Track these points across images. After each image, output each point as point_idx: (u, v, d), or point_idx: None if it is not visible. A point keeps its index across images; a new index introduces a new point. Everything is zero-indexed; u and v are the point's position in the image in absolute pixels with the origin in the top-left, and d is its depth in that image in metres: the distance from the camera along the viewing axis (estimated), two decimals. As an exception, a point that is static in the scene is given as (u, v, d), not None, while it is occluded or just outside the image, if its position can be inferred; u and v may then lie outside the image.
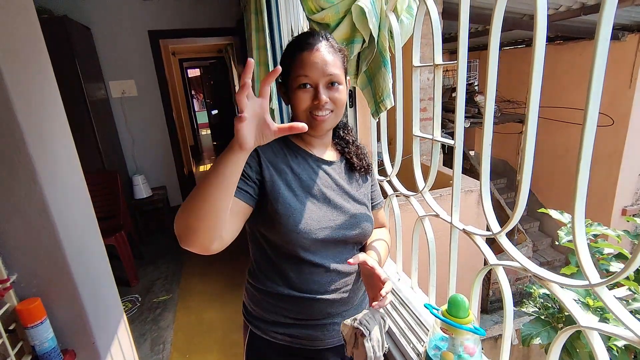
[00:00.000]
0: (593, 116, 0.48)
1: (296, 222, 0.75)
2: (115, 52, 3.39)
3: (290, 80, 0.77)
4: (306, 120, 0.76)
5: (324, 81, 0.75)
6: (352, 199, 0.85)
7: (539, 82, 0.55)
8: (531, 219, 6.13)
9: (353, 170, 0.89)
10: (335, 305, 0.82)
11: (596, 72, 0.46)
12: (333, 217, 0.80)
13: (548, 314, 1.92)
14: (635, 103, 4.48)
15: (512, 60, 5.72)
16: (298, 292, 0.80)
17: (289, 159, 0.81)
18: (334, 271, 0.81)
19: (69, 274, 1.00)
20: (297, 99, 0.76)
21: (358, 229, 0.83)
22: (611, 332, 0.50)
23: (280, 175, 0.78)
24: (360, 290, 0.89)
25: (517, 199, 0.63)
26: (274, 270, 0.82)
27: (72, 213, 1.06)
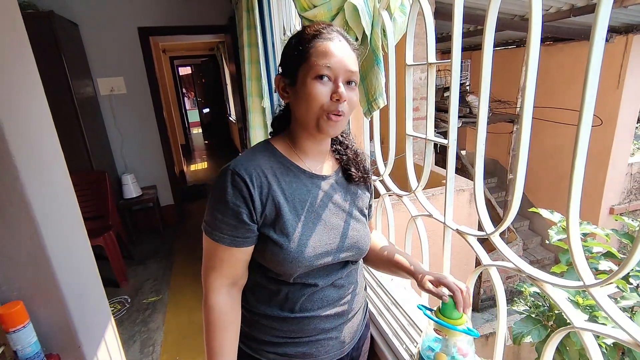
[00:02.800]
0: (587, 124, 0.47)
1: (290, 252, 0.70)
2: (103, 49, 3.33)
3: (303, 70, 0.67)
4: (316, 121, 0.68)
5: (344, 77, 0.67)
6: (349, 215, 0.79)
7: (533, 83, 0.54)
8: (521, 218, 6.20)
9: (351, 181, 0.82)
10: (331, 321, 0.78)
11: (591, 73, 0.45)
12: (329, 241, 0.74)
13: (539, 312, 1.93)
14: (622, 103, 4.56)
15: (502, 61, 5.77)
16: (288, 313, 0.76)
17: (279, 179, 0.72)
18: (329, 288, 0.77)
19: (53, 277, 0.97)
20: (312, 91, 0.66)
21: (355, 250, 0.78)
22: (606, 333, 0.49)
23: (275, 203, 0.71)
24: (360, 298, 0.85)
25: (511, 201, 0.62)
26: (265, 294, 0.78)
27: (56, 213, 1.03)
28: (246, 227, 0.69)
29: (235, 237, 0.69)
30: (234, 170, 0.68)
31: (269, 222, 0.70)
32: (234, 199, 0.67)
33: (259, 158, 0.73)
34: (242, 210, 0.68)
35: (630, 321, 0.48)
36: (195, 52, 7.50)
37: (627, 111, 4.63)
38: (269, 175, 0.71)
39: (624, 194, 5.20)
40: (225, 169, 0.70)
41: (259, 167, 0.71)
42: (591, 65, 0.45)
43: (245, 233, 0.70)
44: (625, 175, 5.09)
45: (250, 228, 0.70)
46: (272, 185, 0.70)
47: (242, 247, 0.71)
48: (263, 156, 0.74)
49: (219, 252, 0.71)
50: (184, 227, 3.91)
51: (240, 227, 0.69)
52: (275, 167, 0.73)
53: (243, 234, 0.70)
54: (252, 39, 2.10)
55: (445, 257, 0.86)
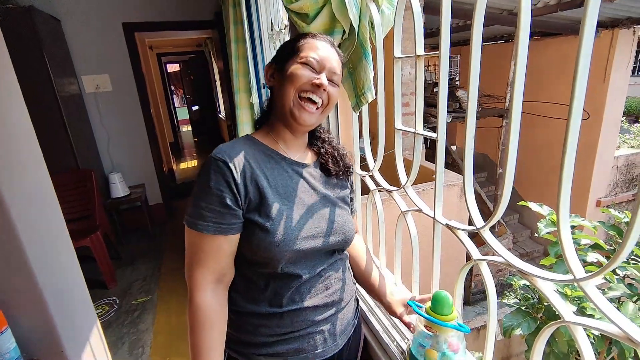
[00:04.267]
0: (577, 115, 0.46)
1: (275, 235, 0.69)
2: (87, 45, 3.25)
3: (293, 59, 0.73)
4: (290, 105, 0.73)
5: (328, 73, 0.74)
6: (331, 202, 0.80)
7: (522, 78, 0.53)
8: (511, 211, 6.27)
9: (329, 175, 0.84)
10: (320, 311, 0.78)
11: (581, 66, 0.44)
12: (314, 225, 0.75)
13: (528, 304, 1.95)
14: (609, 97, 4.62)
15: (492, 56, 5.81)
16: (277, 308, 0.74)
17: (261, 164, 0.74)
18: (316, 278, 0.77)
19: (33, 280, 0.93)
20: (295, 71, 0.72)
21: (341, 235, 0.79)
22: (597, 327, 0.49)
23: (258, 187, 0.71)
24: (348, 289, 0.84)
25: (500, 195, 0.61)
26: (250, 290, 0.76)
27: (36, 215, 0.99)
28: (231, 212, 0.68)
29: (220, 224, 0.68)
30: (215, 157, 0.69)
31: (253, 207, 0.70)
32: (217, 184, 0.67)
33: (241, 146, 0.74)
34: (226, 195, 0.67)
35: (620, 314, 0.47)
36: (183, 49, 7.39)
37: (613, 105, 4.70)
38: (251, 161, 0.72)
39: (610, 186, 5.29)
40: (207, 159, 0.70)
41: (240, 152, 0.71)
42: (581, 58, 0.44)
43: (230, 219, 0.69)
44: (611, 168, 5.18)
45: (235, 213, 0.69)
46: (254, 170, 0.71)
47: (227, 235, 0.69)
48: (244, 145, 0.75)
49: (204, 243, 0.69)
50: (173, 226, 3.86)
51: (225, 213, 0.68)
52: (256, 154, 0.74)
53: (228, 220, 0.68)
54: (239, 35, 2.06)
55: (436, 252, 0.85)
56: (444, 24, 0.67)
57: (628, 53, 4.57)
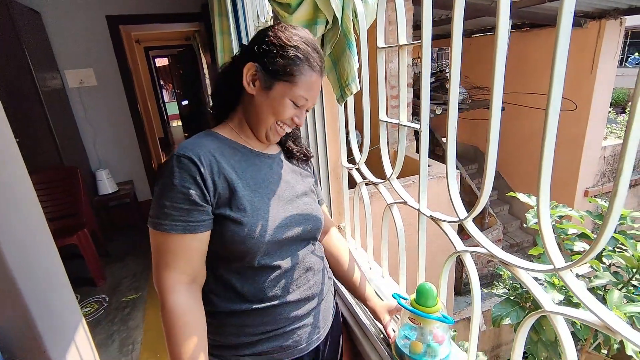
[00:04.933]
0: (556, 97, 0.45)
1: (250, 227, 0.68)
2: (69, 39, 3.16)
3: (285, 87, 0.70)
4: (266, 129, 0.74)
5: (311, 106, 0.75)
6: (299, 192, 0.81)
7: (502, 65, 0.52)
8: (501, 203, 6.34)
9: (293, 159, 0.85)
10: (301, 305, 0.77)
11: (559, 55, 0.43)
12: (286, 214, 0.75)
13: (517, 294, 1.98)
14: (596, 88, 4.67)
15: (482, 48, 5.82)
16: (258, 304, 0.73)
17: (228, 158, 0.72)
18: (293, 269, 0.76)
19: (11, 280, 0.91)
20: (283, 109, 0.71)
21: (311, 223, 0.79)
22: (576, 316, 0.49)
23: (227, 180, 0.69)
24: (324, 279, 0.84)
25: (482, 188, 0.61)
26: (225, 287, 0.73)
27: (12, 213, 0.96)
28: (199, 209, 0.66)
29: (188, 222, 0.65)
30: (179, 154, 0.66)
31: (224, 202, 0.68)
32: (182, 181, 0.65)
33: (205, 142, 0.71)
34: (193, 191, 0.65)
35: (599, 304, 0.47)
36: (171, 42, 7.25)
37: (601, 95, 4.75)
38: (217, 155, 0.70)
39: (597, 176, 5.37)
40: (169, 157, 0.68)
41: (205, 147, 0.69)
42: (558, 48, 0.43)
43: (199, 216, 0.66)
44: (599, 159, 5.26)
45: (203, 209, 0.66)
46: (221, 164, 0.69)
47: (197, 233, 0.66)
48: (208, 140, 0.72)
49: (172, 244, 0.65)
50: (164, 223, 3.82)
51: (192, 210, 0.65)
52: (222, 147, 0.72)
53: (197, 218, 0.66)
54: (224, 27, 2.02)
55: (420, 244, 0.85)
56: (425, 13, 0.66)
57: (615, 44, 4.62)
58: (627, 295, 1.76)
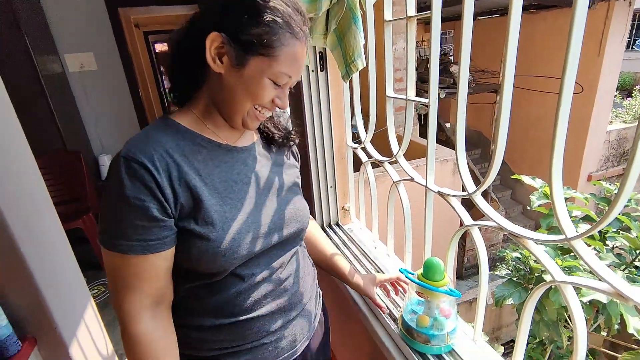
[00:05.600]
0: (572, 71, 0.44)
1: (220, 244, 0.57)
2: (68, 22, 3.11)
3: (263, 63, 0.55)
4: (243, 115, 0.60)
5: (294, 82, 0.62)
6: (281, 188, 0.69)
7: (514, 47, 0.51)
8: (504, 188, 6.34)
9: (273, 146, 0.73)
10: (275, 318, 0.67)
11: (574, 35, 0.42)
12: (264, 221, 0.64)
13: (519, 275, 1.99)
14: (603, 71, 4.60)
15: (486, 30, 5.71)
16: (227, 318, 0.63)
17: (190, 158, 0.59)
18: (270, 279, 0.66)
19: (20, 260, 0.92)
20: (262, 91, 0.57)
21: (296, 225, 0.69)
22: (587, 284, 0.49)
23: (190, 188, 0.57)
24: (308, 285, 0.75)
25: (493, 157, 0.60)
26: (189, 302, 0.64)
27: (20, 195, 0.96)
28: (160, 225, 0.54)
29: (147, 240, 0.54)
30: (127, 157, 0.53)
31: (187, 213, 0.57)
32: (135, 192, 0.52)
33: (160, 137, 0.58)
34: (150, 205, 0.53)
35: (610, 271, 0.47)
36: (171, 27, 7.12)
37: (607, 79, 4.68)
38: (176, 155, 0.57)
39: (601, 161, 5.34)
40: (115, 158, 0.55)
41: (160, 147, 0.56)
42: (574, 29, 0.42)
43: (159, 232, 0.55)
44: (603, 143, 5.21)
45: (164, 224, 0.55)
46: (182, 167, 0.57)
47: (160, 252, 0.56)
48: (165, 134, 0.59)
49: (131, 266, 0.55)
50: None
51: (152, 227, 0.54)
52: (182, 144, 0.59)
53: (157, 235, 0.55)
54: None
55: (427, 220, 0.85)
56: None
57: (623, 26, 4.52)
58: (629, 276, 1.77)
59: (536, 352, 2.81)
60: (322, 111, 1.18)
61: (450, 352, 0.76)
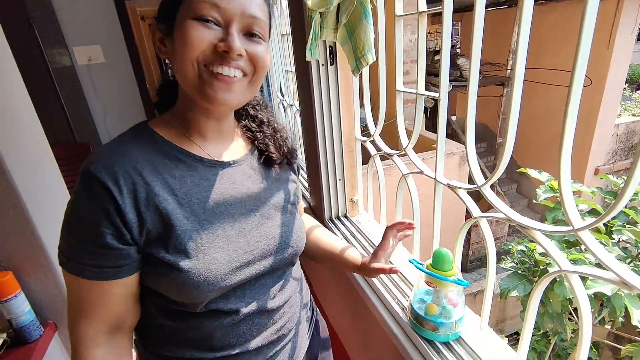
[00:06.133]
0: (580, 76, 0.46)
1: (194, 275, 0.50)
2: (77, 16, 3.14)
3: (183, 12, 0.48)
4: (197, 82, 0.49)
5: (242, 24, 0.50)
6: (274, 208, 0.62)
7: (526, 39, 0.52)
8: (509, 182, 6.32)
9: (270, 164, 0.65)
10: (263, 352, 0.62)
11: (586, 26, 0.43)
12: (249, 248, 0.56)
13: (524, 268, 2.01)
14: (612, 64, 4.54)
15: (493, 22, 5.65)
16: (207, 353, 0.57)
17: (164, 175, 0.52)
18: (256, 313, 0.59)
19: (40, 246, 0.95)
20: (189, 34, 0.47)
21: (288, 251, 0.62)
22: (593, 274, 0.51)
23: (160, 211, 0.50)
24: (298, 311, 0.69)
25: (502, 150, 0.62)
26: (165, 332, 0.58)
27: (38, 182, 1.00)
28: (115, 253, 0.49)
29: (101, 267, 0.49)
30: (88, 173, 0.47)
31: (156, 239, 0.50)
32: (90, 214, 0.47)
33: (129, 149, 0.51)
34: (104, 230, 0.47)
35: (616, 261, 0.49)
36: (176, 19, 7.14)
37: (616, 72, 4.63)
38: (146, 173, 0.50)
39: (609, 154, 5.30)
40: (81, 171, 0.49)
41: (128, 162, 0.49)
42: (585, 20, 0.43)
43: (116, 261, 0.49)
44: (611, 136, 5.17)
45: (122, 253, 0.49)
46: (152, 187, 0.50)
47: (116, 280, 0.50)
48: (136, 146, 0.52)
49: (84, 290, 0.50)
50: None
51: (106, 254, 0.49)
52: (156, 159, 0.52)
53: (113, 262, 0.49)
54: None
55: (436, 212, 0.87)
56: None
57: (634, 17, 4.45)
58: (635, 269, 1.78)
59: (540, 343, 2.84)
60: (331, 105, 1.19)
61: (457, 339, 0.79)
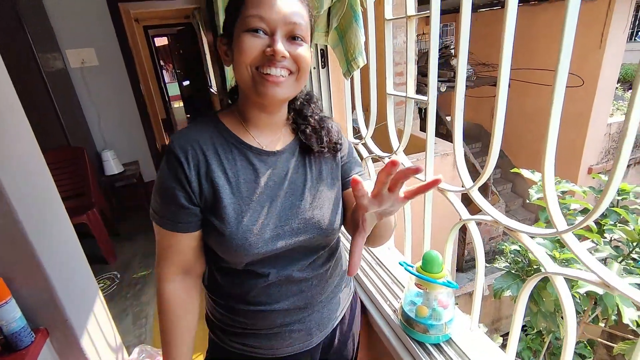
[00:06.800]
0: (565, 63, 0.46)
1: (232, 240, 0.62)
2: (69, 18, 3.12)
3: (238, 26, 0.59)
4: (251, 82, 0.59)
5: (285, 30, 0.58)
6: (311, 192, 0.69)
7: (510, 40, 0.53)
8: (504, 181, 6.35)
9: (312, 154, 0.71)
10: (290, 314, 0.72)
11: (567, 27, 0.44)
12: (281, 224, 0.65)
13: (518, 268, 2.02)
14: (604, 63, 4.58)
15: (487, 23, 5.68)
16: (244, 305, 0.70)
17: (221, 157, 0.64)
18: (286, 280, 0.69)
19: (32, 253, 0.95)
20: (241, 45, 0.57)
21: (315, 231, 0.67)
22: (575, 275, 0.51)
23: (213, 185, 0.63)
24: (327, 288, 0.76)
25: (489, 153, 0.62)
26: (221, 282, 0.72)
27: (30, 189, 0.99)
28: (186, 211, 0.63)
29: (176, 222, 0.64)
30: (170, 148, 0.63)
31: (209, 207, 0.63)
32: (169, 181, 0.62)
33: (200, 132, 0.65)
34: (179, 193, 0.62)
35: (598, 263, 0.50)
36: (171, 21, 7.12)
37: (608, 71, 4.67)
38: (209, 153, 0.63)
39: (602, 153, 5.35)
40: (167, 146, 0.64)
41: (197, 143, 0.63)
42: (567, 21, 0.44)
43: (186, 217, 0.64)
44: (604, 136, 5.21)
45: (191, 212, 0.63)
46: (210, 165, 0.63)
47: (186, 233, 0.65)
48: (205, 131, 0.65)
49: (166, 237, 0.66)
50: (170, 203, 3.87)
51: (180, 212, 0.63)
52: (217, 143, 0.65)
53: (184, 219, 0.64)
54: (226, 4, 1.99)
55: (427, 214, 0.87)
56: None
57: (625, 17, 4.50)
58: (626, 268, 1.80)
59: (535, 342, 2.85)
60: (323, 108, 1.20)
61: (448, 341, 0.79)
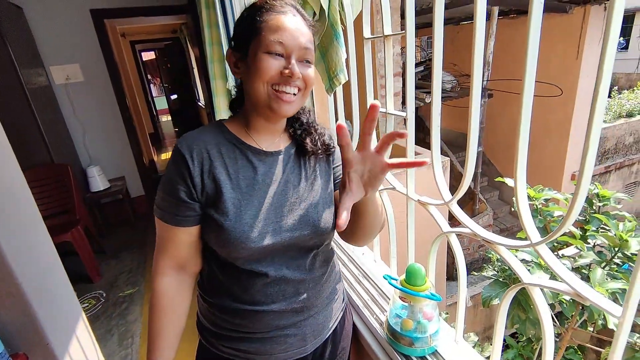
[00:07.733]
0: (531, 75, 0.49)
1: (231, 232, 0.66)
2: (53, 34, 3.11)
3: (255, 45, 0.64)
4: (265, 99, 0.65)
5: (298, 54, 0.65)
6: (306, 191, 0.73)
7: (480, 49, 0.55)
8: (491, 189, 6.44)
9: (307, 155, 0.76)
10: (286, 317, 0.73)
11: (531, 38, 0.46)
12: (277, 219, 0.69)
13: (505, 276, 2.04)
14: (582, 73, 4.74)
15: (470, 35, 5.84)
16: (241, 304, 0.72)
17: (224, 155, 0.70)
18: (283, 280, 0.71)
19: (10, 275, 0.92)
20: (262, 65, 0.63)
21: (310, 228, 0.71)
22: (549, 286, 0.53)
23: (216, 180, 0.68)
24: (322, 293, 0.78)
25: (465, 170, 0.64)
26: (217, 281, 0.74)
27: (8, 209, 0.97)
28: (185, 205, 0.68)
29: (175, 215, 0.68)
30: (176, 147, 0.68)
31: (210, 201, 0.68)
32: (173, 175, 0.68)
33: (206, 134, 0.71)
34: (180, 187, 0.67)
35: (571, 274, 0.51)
36: (158, 36, 7.14)
37: (587, 80, 4.82)
38: (213, 152, 0.69)
39: (584, 160, 5.47)
40: (175, 146, 0.70)
41: (202, 142, 0.69)
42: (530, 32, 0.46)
43: (185, 211, 0.68)
44: (585, 143, 5.35)
45: (189, 206, 0.68)
46: (214, 162, 0.68)
47: (183, 227, 0.69)
48: (211, 133, 0.71)
49: (165, 231, 0.71)
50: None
51: (179, 205, 0.68)
52: (221, 144, 0.70)
53: (183, 212, 0.68)
54: (212, 19, 2.01)
55: (410, 227, 0.88)
56: (408, 5, 0.68)
57: (600, 29, 4.67)
58: (609, 273, 1.83)
59: (526, 349, 2.87)
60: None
61: (433, 353, 0.80)
